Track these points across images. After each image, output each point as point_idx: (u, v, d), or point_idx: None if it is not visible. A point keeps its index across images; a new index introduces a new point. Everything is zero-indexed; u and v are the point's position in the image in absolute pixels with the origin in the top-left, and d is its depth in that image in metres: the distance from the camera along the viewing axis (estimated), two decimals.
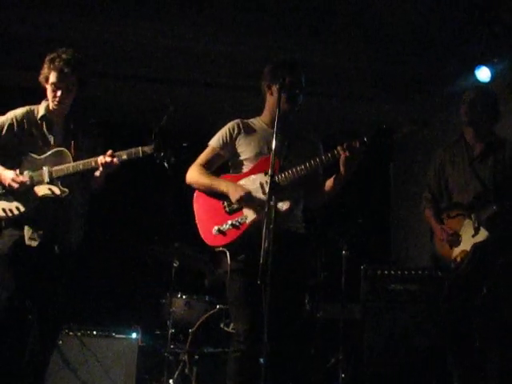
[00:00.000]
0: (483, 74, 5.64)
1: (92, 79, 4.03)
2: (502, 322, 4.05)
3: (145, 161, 3.85)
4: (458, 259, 4.14)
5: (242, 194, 3.60)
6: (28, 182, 3.79)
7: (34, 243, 3.78)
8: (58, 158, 3.84)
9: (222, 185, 3.70)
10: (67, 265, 3.93)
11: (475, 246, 4.08)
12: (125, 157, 3.79)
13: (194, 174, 3.81)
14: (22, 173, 3.82)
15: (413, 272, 5.39)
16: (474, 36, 5.39)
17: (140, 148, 3.76)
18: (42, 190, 3.83)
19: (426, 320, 5.14)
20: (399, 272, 5.42)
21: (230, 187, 3.66)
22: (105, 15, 5.45)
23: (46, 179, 3.80)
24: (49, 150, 3.87)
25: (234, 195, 3.62)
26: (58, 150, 3.86)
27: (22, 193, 3.80)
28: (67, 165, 3.81)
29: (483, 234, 4.08)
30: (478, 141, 4.29)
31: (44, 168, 3.81)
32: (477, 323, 4.21)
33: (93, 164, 3.78)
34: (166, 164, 3.72)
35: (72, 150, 3.89)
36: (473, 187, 4.20)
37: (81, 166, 3.80)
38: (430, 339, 5.04)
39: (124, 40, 5.83)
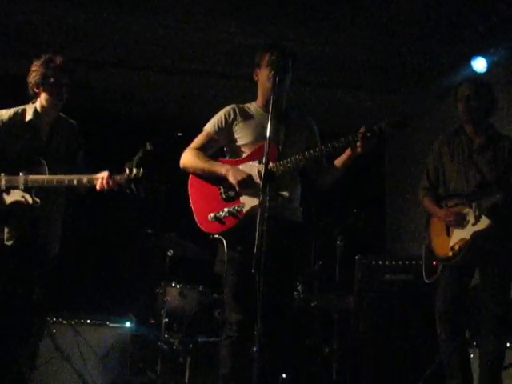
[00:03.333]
0: (479, 64, 5.64)
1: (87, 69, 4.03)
2: (494, 310, 4.07)
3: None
4: (457, 247, 4.13)
5: (244, 176, 3.58)
6: (2, 187, 3.78)
7: (9, 242, 3.78)
8: (35, 167, 3.81)
9: (222, 168, 3.67)
10: (45, 265, 3.93)
11: (475, 234, 4.08)
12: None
13: (190, 158, 3.77)
14: None
15: (407, 262, 5.39)
16: (470, 26, 5.38)
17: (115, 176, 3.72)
18: (15, 196, 3.79)
19: (420, 310, 5.15)
20: (393, 262, 5.43)
21: (230, 170, 3.63)
22: (101, 4, 5.42)
23: (21, 186, 3.77)
24: (30, 156, 3.84)
25: (235, 177, 3.58)
26: (36, 159, 3.82)
27: None
28: (42, 177, 3.78)
29: (485, 222, 4.06)
30: (478, 133, 4.30)
31: (20, 174, 3.78)
32: (470, 310, 4.24)
33: (66, 182, 3.75)
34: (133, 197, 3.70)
35: (51, 157, 3.86)
36: (472, 178, 4.20)
37: (54, 182, 3.76)
38: (424, 329, 5.05)
39: (120, 29, 5.80)
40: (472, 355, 4.51)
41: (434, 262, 4.34)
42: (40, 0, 5.35)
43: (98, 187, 3.74)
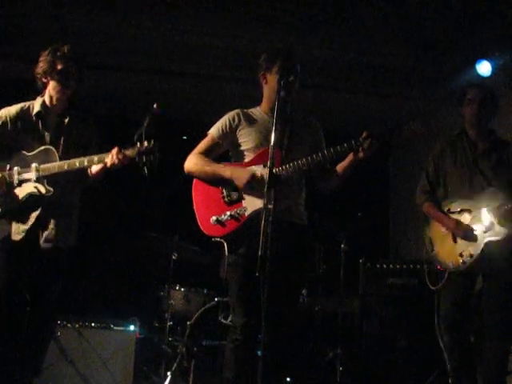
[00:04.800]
0: (484, 68, 5.63)
1: (90, 72, 4.02)
2: (499, 314, 4.06)
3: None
4: (467, 254, 4.10)
5: (249, 177, 3.59)
6: (16, 181, 3.81)
7: (18, 237, 3.79)
8: (46, 156, 3.82)
9: (226, 170, 3.68)
10: (57, 261, 3.90)
11: (489, 242, 4.04)
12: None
13: (194, 162, 3.78)
14: (11, 168, 3.83)
15: (411, 266, 5.39)
16: (474, 30, 5.37)
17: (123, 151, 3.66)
18: (28, 188, 3.82)
19: (424, 314, 5.14)
20: (398, 266, 5.43)
21: (235, 172, 3.64)
22: (105, 7, 5.43)
23: (34, 177, 3.78)
24: (39, 147, 3.85)
25: (240, 180, 3.60)
26: (46, 148, 3.84)
27: (8, 190, 3.82)
28: (53, 164, 3.78)
29: (500, 232, 4.02)
30: (481, 138, 4.29)
31: (32, 165, 3.80)
32: (474, 318, 4.24)
33: (77, 165, 3.73)
34: (145, 169, 3.61)
35: (60, 148, 3.87)
36: (477, 183, 4.18)
37: (66, 166, 3.75)
38: (428, 333, 5.04)
39: (125, 32, 5.81)
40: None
41: (439, 267, 4.30)
42: (43, 2, 5.37)
43: (108, 163, 3.69)
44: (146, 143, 3.60)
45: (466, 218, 4.18)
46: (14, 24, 5.66)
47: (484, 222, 4.09)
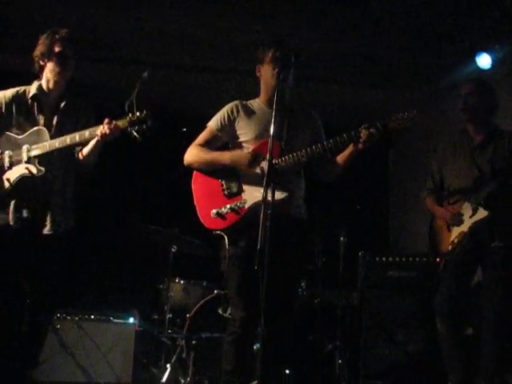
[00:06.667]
0: (484, 60, 5.63)
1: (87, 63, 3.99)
2: (496, 306, 4.07)
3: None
4: (456, 241, 4.19)
5: (250, 157, 3.62)
6: (7, 164, 3.77)
7: (15, 224, 3.73)
8: (37, 137, 3.78)
9: (225, 156, 3.70)
10: (55, 247, 3.86)
11: (473, 225, 4.14)
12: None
13: (194, 153, 3.79)
14: (3, 152, 3.80)
15: (410, 259, 5.39)
16: (474, 23, 5.36)
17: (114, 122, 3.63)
18: (20, 170, 3.77)
19: (423, 307, 5.15)
20: (397, 259, 5.43)
21: (234, 155, 3.67)
22: (105, 1, 5.42)
23: (25, 158, 3.75)
24: (31, 128, 3.81)
25: (242, 161, 3.63)
26: (37, 129, 3.81)
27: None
28: (44, 143, 3.74)
29: (481, 214, 4.14)
30: (478, 132, 4.35)
31: (23, 147, 3.77)
32: (471, 306, 4.27)
33: (68, 141, 3.70)
34: (137, 136, 3.57)
35: (53, 128, 3.84)
36: (471, 174, 4.27)
37: (57, 144, 3.72)
38: (427, 325, 5.05)
39: (124, 26, 5.80)
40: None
41: (438, 259, 4.37)
42: None
43: (99, 134, 3.64)
44: (137, 113, 3.58)
45: (459, 208, 4.27)
46: (4, 15, 5.66)
47: (470, 209, 4.18)
